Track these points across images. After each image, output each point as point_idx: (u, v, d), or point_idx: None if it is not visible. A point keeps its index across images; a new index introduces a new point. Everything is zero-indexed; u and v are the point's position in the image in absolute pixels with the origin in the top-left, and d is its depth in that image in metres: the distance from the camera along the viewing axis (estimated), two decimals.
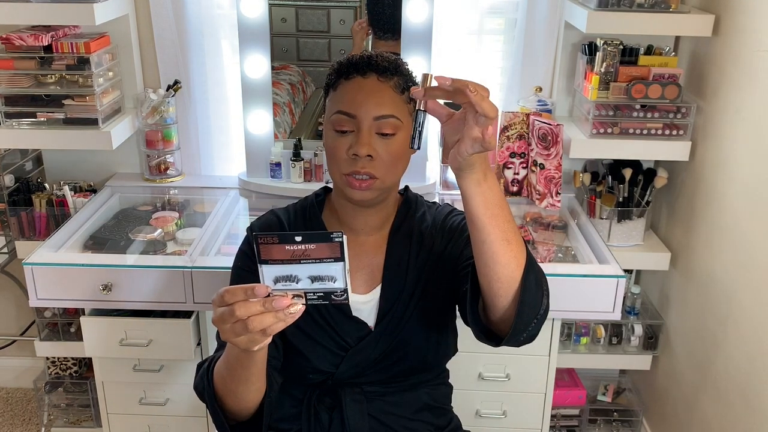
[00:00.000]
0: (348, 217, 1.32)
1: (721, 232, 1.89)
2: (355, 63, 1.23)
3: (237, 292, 0.93)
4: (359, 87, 1.21)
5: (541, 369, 1.95)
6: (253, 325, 0.92)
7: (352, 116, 1.20)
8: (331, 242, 0.93)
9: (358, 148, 1.19)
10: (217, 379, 1.14)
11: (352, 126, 1.21)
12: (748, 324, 1.74)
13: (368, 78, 1.21)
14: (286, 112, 2.32)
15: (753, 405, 1.72)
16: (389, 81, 1.22)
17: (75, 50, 1.99)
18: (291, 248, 0.93)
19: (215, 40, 2.22)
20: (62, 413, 2.39)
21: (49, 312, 2.23)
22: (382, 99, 1.21)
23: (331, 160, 1.25)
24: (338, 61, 1.27)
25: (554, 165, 2.07)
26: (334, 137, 1.23)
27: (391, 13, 2.12)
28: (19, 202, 2.19)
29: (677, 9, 1.92)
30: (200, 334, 1.91)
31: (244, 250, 1.35)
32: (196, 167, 2.34)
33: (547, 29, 2.14)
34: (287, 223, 1.35)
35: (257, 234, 0.92)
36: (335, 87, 1.24)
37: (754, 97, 1.74)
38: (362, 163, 1.20)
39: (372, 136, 1.20)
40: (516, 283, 1.07)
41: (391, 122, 1.21)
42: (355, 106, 1.20)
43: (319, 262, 0.94)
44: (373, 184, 1.22)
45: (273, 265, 0.93)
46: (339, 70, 1.24)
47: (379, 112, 1.20)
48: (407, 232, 1.34)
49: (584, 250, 1.95)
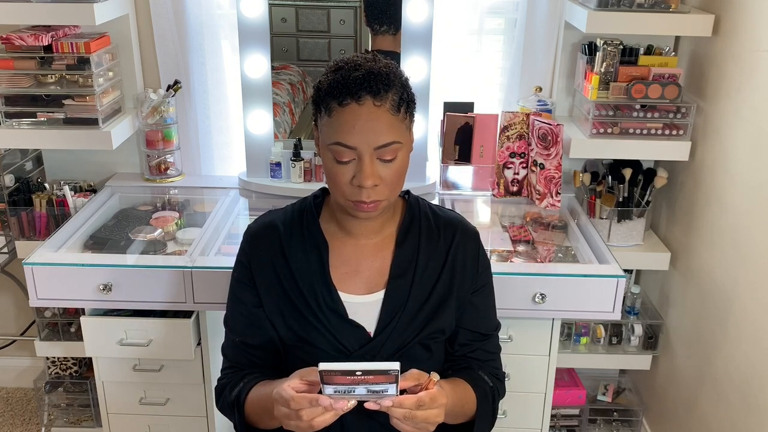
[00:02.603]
0: (347, 224, 1.32)
1: (721, 232, 1.89)
2: (348, 86, 1.16)
3: (302, 402, 1.09)
4: (355, 116, 1.16)
5: (541, 369, 1.95)
6: (315, 423, 1.10)
7: (352, 148, 1.18)
8: (387, 374, 1.05)
9: (362, 180, 1.18)
10: (249, 412, 1.29)
11: (352, 155, 1.19)
12: (748, 324, 1.74)
13: (363, 104, 1.16)
14: (286, 112, 2.32)
15: (753, 405, 1.72)
16: (384, 103, 1.17)
17: (75, 50, 1.99)
18: (351, 378, 1.06)
19: (215, 40, 2.22)
20: (62, 413, 2.39)
21: (49, 312, 2.23)
22: (380, 127, 1.17)
23: (332, 184, 1.23)
24: (328, 75, 1.20)
25: (554, 165, 2.07)
26: (333, 165, 1.20)
27: (387, 7, 2.12)
28: (19, 202, 2.19)
29: (677, 9, 1.92)
30: (200, 334, 1.91)
31: (241, 261, 1.35)
32: (196, 167, 2.34)
33: (547, 29, 2.14)
34: (283, 225, 1.34)
35: (322, 370, 1.05)
36: (329, 111, 1.18)
37: (754, 97, 1.74)
38: (367, 192, 1.19)
39: (374, 163, 1.19)
40: (465, 420, 1.31)
41: (392, 149, 1.19)
42: (354, 138, 1.16)
43: (376, 384, 1.07)
44: (379, 205, 1.23)
45: (334, 385, 1.07)
46: (330, 91, 1.18)
47: (378, 142, 1.17)
48: (414, 241, 1.34)
49: (584, 250, 1.95)
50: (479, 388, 1.32)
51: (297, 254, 1.32)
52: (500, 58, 2.28)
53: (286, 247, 1.32)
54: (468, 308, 1.36)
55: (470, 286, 1.36)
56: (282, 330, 1.31)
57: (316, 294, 1.30)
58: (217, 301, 1.80)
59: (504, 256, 1.95)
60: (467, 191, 2.23)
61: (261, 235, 1.34)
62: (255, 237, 1.35)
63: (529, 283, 1.78)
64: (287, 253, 1.31)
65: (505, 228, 2.10)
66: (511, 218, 2.16)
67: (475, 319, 1.37)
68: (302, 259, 1.31)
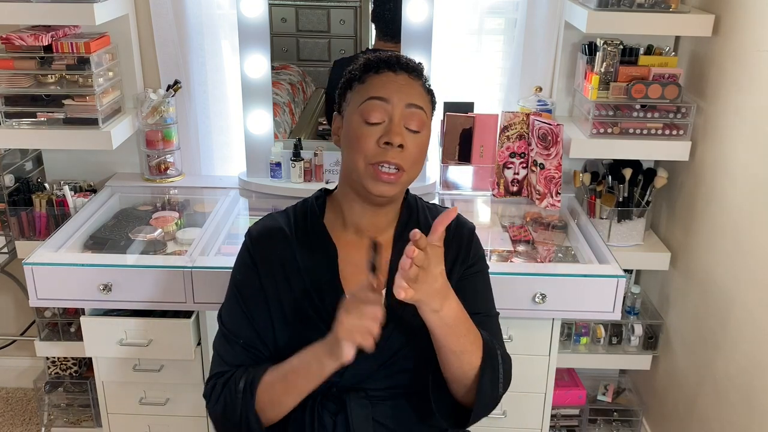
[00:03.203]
0: (355, 217, 1.31)
1: (721, 232, 1.89)
2: (385, 60, 1.25)
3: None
4: (391, 79, 1.24)
5: (541, 369, 1.95)
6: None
7: (385, 100, 1.22)
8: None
9: (392, 137, 1.20)
10: (263, 390, 1.24)
11: (382, 115, 1.22)
12: (748, 324, 1.74)
13: (399, 75, 1.25)
14: (286, 112, 2.32)
15: (753, 405, 1.72)
16: (417, 80, 1.27)
17: (75, 50, 1.99)
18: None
19: (215, 40, 2.22)
20: (62, 413, 2.39)
21: (49, 312, 2.23)
22: (413, 91, 1.25)
23: (355, 149, 1.23)
24: (364, 57, 1.28)
25: (554, 165, 2.07)
26: (361, 126, 1.23)
27: (392, 16, 2.12)
28: (19, 202, 2.19)
29: (677, 9, 1.92)
30: (200, 334, 1.91)
31: (246, 263, 1.33)
32: (196, 167, 2.34)
33: (547, 29, 2.14)
34: (288, 229, 1.33)
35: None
36: (362, 80, 1.25)
37: (754, 97, 1.74)
38: (393, 153, 1.21)
39: (402, 127, 1.22)
40: (468, 382, 1.22)
41: (419, 114, 1.24)
42: (389, 92, 1.22)
43: None
44: (399, 177, 1.23)
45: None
46: (367, 66, 1.26)
47: (411, 100, 1.23)
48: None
49: (584, 250, 1.95)
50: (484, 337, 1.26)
51: (305, 256, 1.31)
52: (500, 58, 2.28)
53: (293, 249, 1.31)
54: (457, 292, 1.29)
55: (461, 270, 1.34)
56: (286, 332, 1.30)
57: (324, 297, 1.28)
58: (217, 301, 1.79)
59: (504, 256, 1.95)
60: (467, 191, 2.23)
61: (267, 238, 1.33)
62: (261, 240, 1.33)
63: (529, 283, 1.78)
64: (296, 256, 1.30)
65: (505, 228, 2.10)
66: (511, 218, 2.17)
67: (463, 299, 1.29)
68: (310, 262, 1.30)
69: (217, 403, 1.28)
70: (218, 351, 1.34)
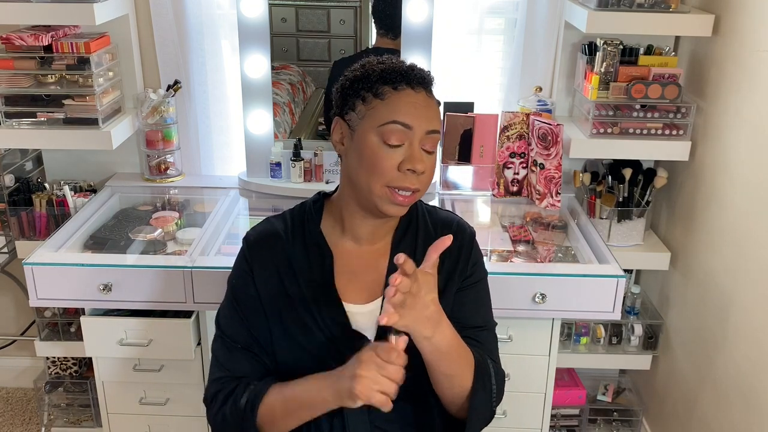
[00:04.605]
0: (355, 225, 1.30)
1: (721, 232, 1.89)
2: (402, 73, 1.21)
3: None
4: (413, 100, 1.20)
5: (541, 369, 1.95)
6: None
7: (409, 127, 1.19)
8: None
9: (415, 164, 1.19)
10: (264, 409, 1.24)
11: (403, 139, 1.19)
12: (748, 324, 1.74)
13: (419, 93, 1.21)
14: (286, 112, 2.32)
15: (753, 405, 1.72)
16: (433, 97, 1.25)
17: (75, 50, 1.99)
18: None
19: (215, 40, 2.22)
20: (62, 413, 2.39)
21: (49, 312, 2.23)
22: (432, 114, 1.22)
23: (371, 171, 1.21)
24: (379, 64, 1.24)
25: (554, 165, 2.07)
26: (381, 148, 1.20)
27: (392, 12, 2.12)
28: (19, 202, 2.19)
29: (677, 9, 1.92)
30: (200, 334, 1.91)
31: (243, 269, 1.32)
32: (196, 167, 2.34)
33: (547, 29, 2.14)
34: (285, 233, 1.32)
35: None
36: (379, 95, 1.20)
37: (754, 97, 1.74)
38: (412, 178, 1.20)
39: (422, 152, 1.21)
40: (460, 401, 1.23)
41: (436, 138, 1.23)
42: (412, 118, 1.19)
43: None
44: (415, 198, 1.23)
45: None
46: (384, 77, 1.21)
47: (431, 127, 1.21)
48: (411, 244, 1.32)
49: (584, 250, 1.95)
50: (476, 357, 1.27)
51: (301, 263, 1.30)
52: (500, 58, 2.28)
53: (290, 255, 1.30)
54: (456, 304, 1.32)
55: (459, 281, 1.33)
56: (283, 337, 1.29)
57: (320, 304, 1.28)
58: (218, 301, 1.79)
59: (504, 256, 1.96)
60: (467, 191, 2.23)
61: (263, 242, 1.32)
62: (257, 245, 1.32)
63: (529, 283, 1.78)
64: (292, 262, 1.29)
65: (505, 228, 2.10)
66: (511, 218, 2.17)
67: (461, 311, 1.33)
68: (306, 268, 1.29)
69: (218, 413, 1.29)
70: (216, 355, 1.34)
